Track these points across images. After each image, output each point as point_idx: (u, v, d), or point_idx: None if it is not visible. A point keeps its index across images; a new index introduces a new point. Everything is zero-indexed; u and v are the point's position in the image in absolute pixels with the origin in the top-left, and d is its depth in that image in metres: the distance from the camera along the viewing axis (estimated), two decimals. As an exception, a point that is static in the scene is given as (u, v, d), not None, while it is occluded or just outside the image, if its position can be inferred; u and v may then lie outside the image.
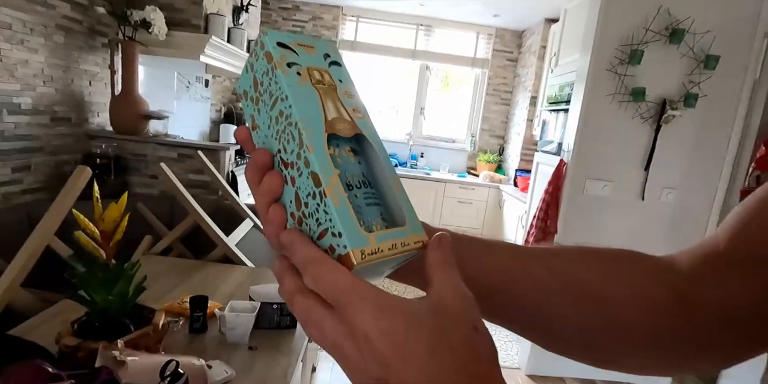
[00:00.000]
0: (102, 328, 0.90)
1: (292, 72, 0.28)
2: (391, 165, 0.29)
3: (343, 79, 0.30)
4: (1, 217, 1.69)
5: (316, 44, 0.31)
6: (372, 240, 0.25)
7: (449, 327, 0.23)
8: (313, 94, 0.28)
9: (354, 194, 0.27)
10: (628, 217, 2.19)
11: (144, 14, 2.16)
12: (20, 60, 1.79)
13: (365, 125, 0.29)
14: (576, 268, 0.36)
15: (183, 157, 2.31)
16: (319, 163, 0.25)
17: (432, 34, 4.45)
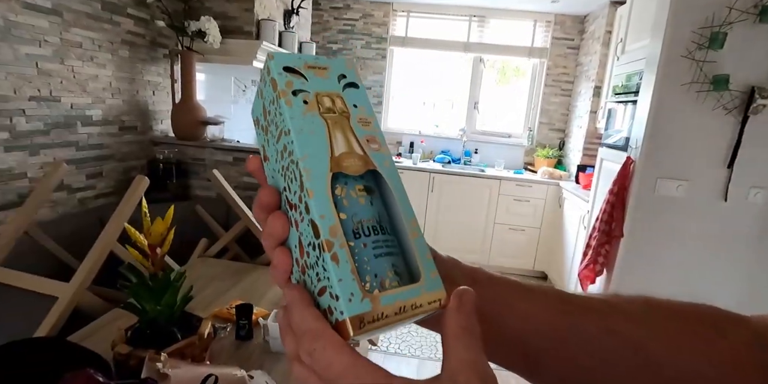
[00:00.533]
0: (152, 336, 0.94)
1: (297, 101, 0.25)
2: (406, 203, 0.25)
3: (358, 104, 0.27)
4: (78, 220, 1.84)
5: (330, 64, 0.27)
6: (375, 303, 0.22)
7: None
8: (320, 125, 0.25)
9: (362, 243, 0.23)
10: (707, 220, 1.97)
11: (200, 24, 2.25)
12: (91, 75, 1.94)
13: (380, 158, 0.25)
14: (642, 332, 0.29)
15: (238, 160, 2.39)
16: (319, 211, 0.22)
17: (486, 24, 4.28)
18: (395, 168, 0.26)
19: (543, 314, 0.29)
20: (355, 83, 0.27)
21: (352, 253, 0.23)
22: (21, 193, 1.66)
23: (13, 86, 1.59)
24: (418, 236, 0.24)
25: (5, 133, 1.58)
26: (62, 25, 1.76)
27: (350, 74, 0.27)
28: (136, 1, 2.15)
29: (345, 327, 0.21)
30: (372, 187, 0.25)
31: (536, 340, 0.29)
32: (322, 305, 0.23)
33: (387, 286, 0.23)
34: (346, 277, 0.22)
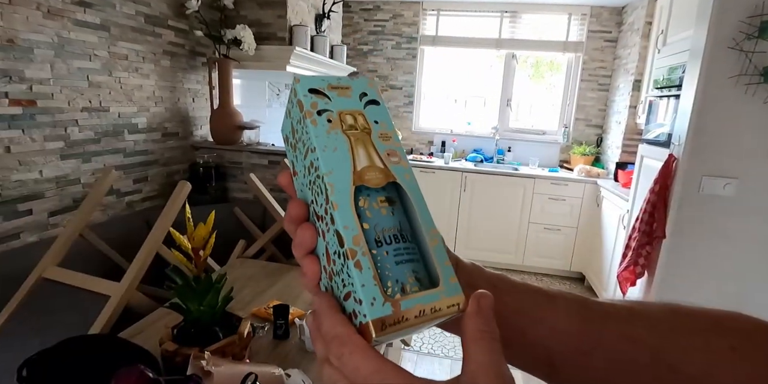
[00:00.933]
0: (196, 334, 1.00)
1: (321, 120, 0.27)
2: (426, 214, 0.27)
3: (379, 120, 0.29)
4: (126, 222, 1.96)
5: (352, 84, 0.29)
6: (396, 307, 0.23)
7: None
8: (342, 142, 0.27)
9: (384, 251, 0.25)
10: (759, 221, 1.87)
11: (235, 33, 2.34)
12: (136, 85, 2.05)
13: (401, 171, 0.27)
14: (661, 341, 0.29)
15: (273, 163, 2.46)
16: (343, 222, 0.24)
17: (518, 20, 4.20)
18: (415, 180, 0.27)
19: (564, 322, 0.30)
20: (376, 101, 0.29)
21: (375, 261, 0.24)
22: (75, 198, 1.78)
23: (67, 98, 1.71)
24: (437, 243, 0.26)
25: (61, 142, 1.70)
26: (110, 40, 1.87)
27: (371, 92, 0.29)
28: (176, 13, 2.25)
29: (368, 329, 0.23)
30: (393, 198, 0.27)
31: (558, 347, 0.30)
32: (347, 309, 0.25)
33: (408, 291, 0.24)
34: (368, 283, 0.23)
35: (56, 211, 1.71)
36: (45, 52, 1.60)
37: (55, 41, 1.63)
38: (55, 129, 1.67)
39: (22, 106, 1.54)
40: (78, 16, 1.72)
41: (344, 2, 3.87)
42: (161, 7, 2.15)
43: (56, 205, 1.71)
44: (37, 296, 1.33)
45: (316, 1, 3.05)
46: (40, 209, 1.64)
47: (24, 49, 1.53)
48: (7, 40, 1.47)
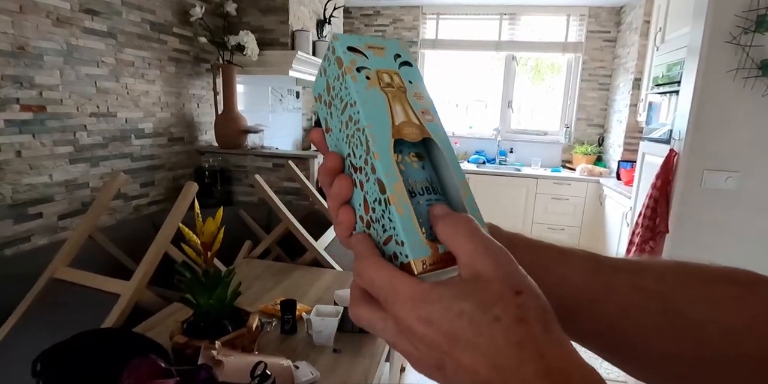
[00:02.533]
0: (206, 328, 1.02)
1: (361, 77, 0.28)
2: (458, 168, 0.28)
3: (413, 80, 0.30)
4: (134, 225, 1.99)
5: (387, 45, 0.30)
6: (434, 250, 0.25)
7: (489, 301, 0.21)
8: (381, 98, 0.28)
9: (417, 201, 0.26)
10: (761, 213, 1.87)
11: (238, 39, 2.38)
12: (142, 91, 2.08)
13: (434, 128, 0.28)
14: (669, 289, 0.31)
15: (277, 166, 2.49)
16: (384, 171, 0.25)
17: (517, 22, 4.24)
18: (447, 137, 0.29)
19: (577, 275, 0.31)
20: (409, 62, 0.30)
21: (415, 208, 0.26)
22: (84, 202, 1.81)
23: (76, 104, 1.74)
24: (469, 195, 0.27)
25: (70, 147, 1.74)
26: (117, 47, 1.91)
27: (404, 54, 0.30)
28: (180, 21, 2.29)
29: (410, 268, 0.24)
30: (423, 154, 0.28)
31: (572, 299, 0.31)
32: (387, 252, 0.26)
33: None
34: (409, 226, 0.24)
35: (65, 215, 1.74)
36: (54, 58, 1.64)
37: (64, 48, 1.67)
38: (64, 134, 1.70)
39: (33, 112, 1.58)
40: (86, 23, 1.76)
41: (345, 8, 3.92)
42: (166, 14, 2.19)
43: (65, 209, 1.74)
44: (48, 296, 1.35)
45: (317, 6, 3.10)
46: (50, 212, 1.67)
47: (34, 56, 1.57)
48: (17, 47, 1.51)
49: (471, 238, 0.23)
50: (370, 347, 1.16)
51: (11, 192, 1.53)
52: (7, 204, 1.52)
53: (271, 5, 2.68)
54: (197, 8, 2.28)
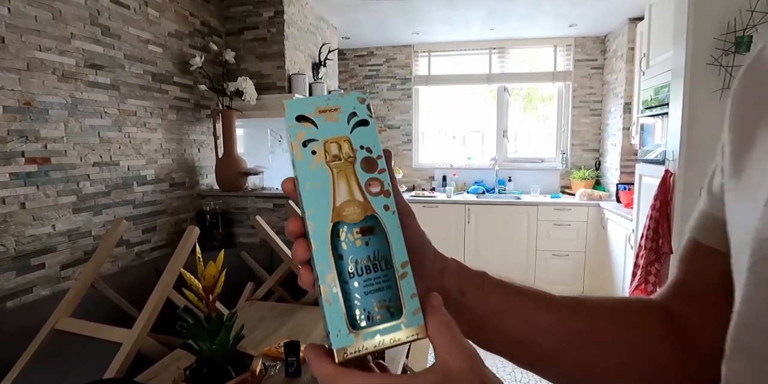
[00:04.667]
0: (208, 374, 1.00)
1: (306, 152, 0.28)
2: (400, 247, 0.28)
3: (366, 143, 0.29)
4: (136, 271, 1.98)
5: (342, 103, 0.29)
6: (358, 339, 0.27)
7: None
8: (325, 176, 0.28)
9: (355, 282, 0.27)
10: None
11: (237, 85, 2.47)
12: (144, 139, 2.14)
13: (379, 202, 0.28)
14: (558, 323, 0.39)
15: (278, 206, 2.51)
16: (319, 262, 0.27)
17: (506, 55, 4.39)
18: (393, 211, 0.29)
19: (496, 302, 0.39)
20: (365, 120, 0.29)
21: (345, 293, 0.27)
22: (86, 250, 1.81)
23: (79, 155, 1.79)
24: (407, 277, 0.28)
25: (73, 196, 1.77)
26: (119, 98, 1.99)
27: (361, 110, 0.29)
28: (181, 70, 2.39)
29: (333, 354, 0.26)
30: (373, 226, 0.28)
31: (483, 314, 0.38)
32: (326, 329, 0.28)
33: (374, 319, 0.27)
34: (335, 317, 0.27)
35: (68, 264, 1.74)
36: (59, 112, 1.70)
37: (68, 102, 1.74)
38: (67, 184, 1.74)
39: (37, 164, 1.62)
40: (90, 77, 1.84)
41: (339, 50, 4.08)
42: (167, 65, 2.29)
43: (68, 258, 1.74)
44: (50, 347, 1.33)
45: (312, 50, 3.24)
46: (53, 263, 1.68)
47: (40, 110, 1.63)
48: (24, 103, 1.57)
49: (449, 335, 0.27)
50: (378, 388, 1.12)
51: (14, 244, 1.54)
52: (10, 256, 1.53)
53: (268, 52, 2.80)
54: (197, 58, 2.39)
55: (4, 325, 1.44)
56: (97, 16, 1.87)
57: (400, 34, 4.07)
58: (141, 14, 2.12)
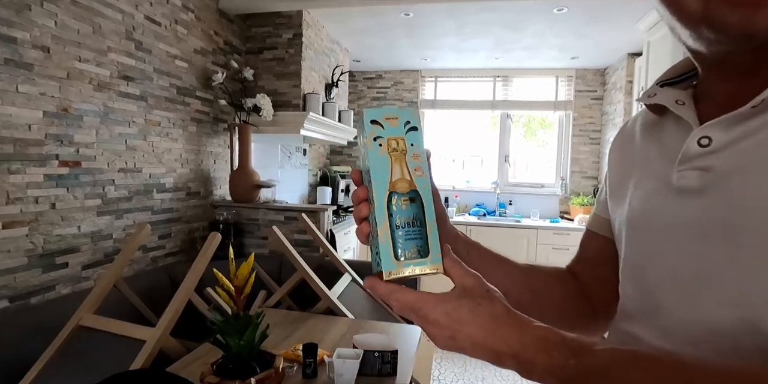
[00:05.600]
0: (234, 369, 1.05)
1: (375, 144, 0.42)
2: (431, 212, 0.42)
3: (415, 143, 0.43)
4: (151, 276, 2.03)
5: (401, 114, 0.43)
6: (399, 266, 0.40)
7: (474, 297, 0.39)
8: (386, 161, 0.42)
9: (399, 232, 0.41)
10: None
11: (255, 101, 2.58)
12: (166, 149, 2.23)
13: (421, 182, 0.42)
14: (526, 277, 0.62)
15: (289, 219, 2.58)
16: (377, 214, 0.41)
17: (510, 83, 4.57)
18: (429, 188, 0.42)
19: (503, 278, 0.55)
20: (415, 127, 0.43)
21: (394, 237, 0.40)
22: (107, 253, 1.87)
23: (107, 160, 1.87)
24: (432, 232, 0.41)
25: (98, 200, 1.84)
26: (146, 109, 2.09)
27: (413, 120, 0.43)
28: (203, 85, 2.51)
29: (381, 274, 0.40)
30: (414, 197, 0.42)
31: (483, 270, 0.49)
32: (373, 260, 0.43)
33: (409, 256, 0.40)
34: (386, 252, 0.40)
35: (89, 265, 1.79)
36: (92, 119, 1.79)
37: (101, 110, 1.83)
38: (94, 188, 1.81)
39: (69, 167, 1.70)
40: (122, 88, 1.94)
41: (350, 72, 4.24)
42: (191, 80, 2.41)
43: (89, 259, 1.80)
44: (73, 343, 1.37)
45: (326, 72, 3.38)
46: (75, 262, 1.73)
47: (75, 117, 1.72)
48: (62, 109, 1.66)
49: (460, 267, 0.41)
50: (391, 391, 1.18)
51: (42, 242, 1.60)
52: (38, 253, 1.58)
53: (285, 71, 2.93)
54: (219, 74, 2.50)
55: (29, 320, 1.48)
56: (132, 32, 1.99)
57: (409, 59, 4.24)
58: (171, 31, 2.24)
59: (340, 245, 3.07)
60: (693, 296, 0.41)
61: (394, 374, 1.24)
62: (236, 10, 2.75)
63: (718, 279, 0.39)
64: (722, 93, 0.43)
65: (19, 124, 1.51)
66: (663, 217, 0.44)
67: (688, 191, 0.42)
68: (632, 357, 0.34)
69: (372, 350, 1.23)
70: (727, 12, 0.36)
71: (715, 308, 0.39)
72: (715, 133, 0.41)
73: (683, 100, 0.45)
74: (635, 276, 0.48)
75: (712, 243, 0.39)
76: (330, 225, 2.82)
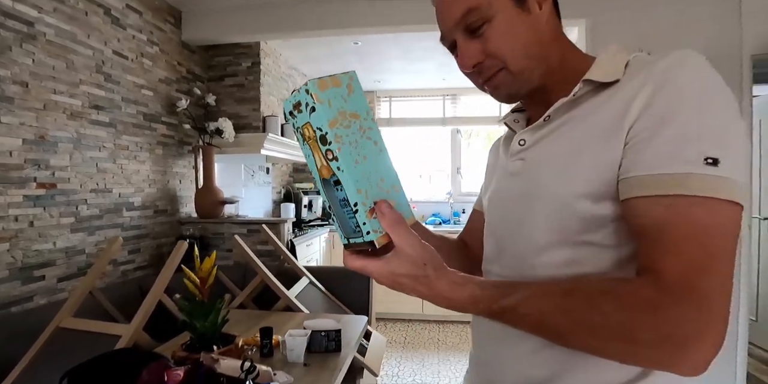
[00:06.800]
0: (200, 348, 1.27)
1: (298, 136, 0.44)
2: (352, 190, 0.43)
3: (319, 125, 0.41)
4: (121, 288, 2.20)
5: (302, 98, 0.41)
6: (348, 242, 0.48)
7: (411, 263, 0.47)
8: (308, 152, 0.43)
9: (339, 214, 0.45)
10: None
11: (217, 124, 2.82)
12: (134, 170, 2.43)
13: (335, 164, 0.42)
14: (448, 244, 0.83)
15: (251, 231, 2.80)
16: (326, 201, 0.47)
17: (458, 101, 4.97)
18: (342, 170, 0.41)
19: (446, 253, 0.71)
20: (313, 107, 0.40)
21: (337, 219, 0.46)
22: (80, 266, 2.04)
23: (80, 182, 2.06)
24: (358, 211, 0.43)
25: (72, 218, 2.02)
26: (115, 134, 2.29)
27: (309, 100, 0.40)
28: (168, 111, 2.73)
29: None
30: (337, 179, 0.43)
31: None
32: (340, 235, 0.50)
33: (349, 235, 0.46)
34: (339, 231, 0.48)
35: (64, 278, 1.96)
36: (66, 145, 1.99)
37: (74, 136, 2.03)
38: (68, 207, 2.00)
39: (45, 189, 1.88)
40: (93, 116, 2.15)
41: (308, 95, 4.52)
42: (157, 107, 2.63)
43: (64, 272, 1.96)
44: (54, 344, 1.55)
45: (285, 95, 3.65)
46: (51, 275, 1.90)
47: (51, 143, 1.91)
48: (39, 137, 1.86)
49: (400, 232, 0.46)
50: (334, 362, 1.42)
51: (22, 256, 1.77)
52: (18, 267, 1.75)
53: (245, 96, 3.19)
54: (182, 101, 2.73)
55: (11, 326, 1.64)
56: (101, 66, 2.21)
57: (364, 81, 4.57)
58: (137, 63, 2.47)
59: (302, 256, 3.29)
60: (515, 235, 0.62)
61: (338, 350, 1.48)
62: (198, 42, 3.00)
63: (527, 224, 0.60)
64: (535, 115, 0.69)
65: (2, 151, 1.70)
66: (503, 191, 0.67)
67: (514, 174, 0.64)
68: (525, 287, 0.50)
69: (319, 330, 1.47)
70: (488, 91, 0.65)
71: (525, 241, 0.60)
72: (527, 136, 0.64)
73: (519, 119, 0.72)
74: (489, 230, 0.70)
75: (522, 204, 0.61)
76: (290, 236, 3.04)
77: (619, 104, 0.52)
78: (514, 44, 0.58)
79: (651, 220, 0.47)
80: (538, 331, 0.49)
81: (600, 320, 0.44)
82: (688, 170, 0.45)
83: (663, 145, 0.47)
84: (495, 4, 0.57)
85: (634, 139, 0.50)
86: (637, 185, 0.48)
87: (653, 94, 0.49)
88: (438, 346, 3.46)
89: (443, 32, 0.63)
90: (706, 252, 0.44)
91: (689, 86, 0.49)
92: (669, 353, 0.43)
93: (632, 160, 0.49)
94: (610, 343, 0.45)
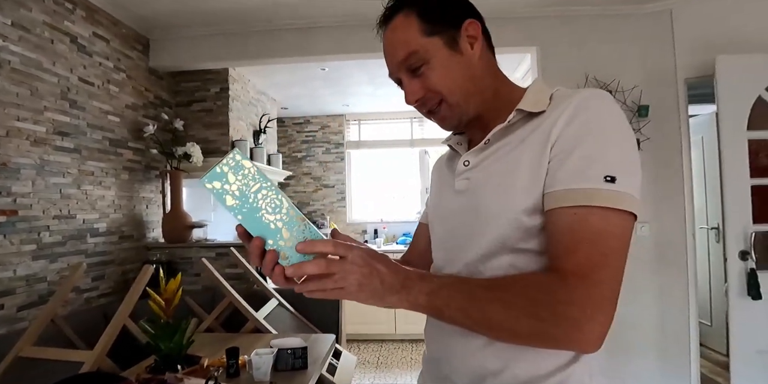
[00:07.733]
0: (165, 370, 1.28)
1: None
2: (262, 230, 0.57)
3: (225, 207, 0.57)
4: (85, 316, 2.15)
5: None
6: None
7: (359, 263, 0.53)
8: None
9: None
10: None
11: (185, 149, 2.84)
12: (99, 196, 2.42)
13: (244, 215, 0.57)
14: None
15: (220, 255, 2.79)
16: None
17: (425, 123, 5.14)
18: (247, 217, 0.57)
19: None
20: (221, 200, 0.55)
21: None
22: (41, 295, 2.00)
23: (42, 208, 2.04)
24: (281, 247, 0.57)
25: (34, 245, 1.99)
26: (80, 160, 2.29)
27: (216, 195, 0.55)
28: (134, 136, 2.74)
29: None
30: None
31: None
32: None
33: None
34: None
35: (24, 306, 1.91)
36: (29, 171, 1.98)
37: (37, 163, 2.03)
38: (30, 234, 1.97)
39: (6, 216, 1.86)
40: (57, 142, 2.15)
41: (278, 118, 4.60)
42: (123, 132, 2.64)
43: (24, 301, 1.92)
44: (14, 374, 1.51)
45: (254, 120, 3.72)
46: (11, 304, 1.85)
47: (13, 170, 1.90)
48: (1, 164, 1.85)
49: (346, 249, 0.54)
50: (301, 379, 1.44)
51: (-21, 286, 1.73)
52: (-25, 296, 1.71)
53: (214, 121, 3.24)
54: (150, 126, 2.75)
55: (-34, 358, 1.59)
56: (67, 92, 2.23)
57: (333, 105, 4.70)
58: (104, 90, 2.50)
59: (273, 278, 3.27)
60: (464, 245, 0.68)
61: (305, 368, 1.50)
62: (165, 68, 3.05)
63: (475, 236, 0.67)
64: (474, 138, 0.78)
65: (-40, 178, 1.69)
66: (447, 207, 0.73)
67: (461, 191, 0.70)
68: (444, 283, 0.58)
69: (285, 348, 1.50)
70: (435, 122, 0.74)
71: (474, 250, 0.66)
72: (471, 157, 0.71)
73: (462, 142, 0.80)
74: (438, 243, 0.76)
75: (469, 218, 0.68)
76: (261, 258, 3.04)
77: (546, 130, 0.62)
78: (449, 82, 0.68)
79: (560, 226, 0.58)
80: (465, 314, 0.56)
81: (511, 298, 0.55)
82: (592, 186, 0.56)
83: (573, 165, 0.58)
84: (431, 49, 0.66)
85: (553, 159, 0.60)
86: (555, 198, 0.59)
87: (567, 124, 0.60)
88: (411, 365, 3.47)
89: (390, 71, 0.73)
90: (598, 250, 0.55)
91: (595, 118, 0.60)
92: (565, 331, 0.52)
93: (552, 177, 0.60)
94: (521, 321, 0.54)
